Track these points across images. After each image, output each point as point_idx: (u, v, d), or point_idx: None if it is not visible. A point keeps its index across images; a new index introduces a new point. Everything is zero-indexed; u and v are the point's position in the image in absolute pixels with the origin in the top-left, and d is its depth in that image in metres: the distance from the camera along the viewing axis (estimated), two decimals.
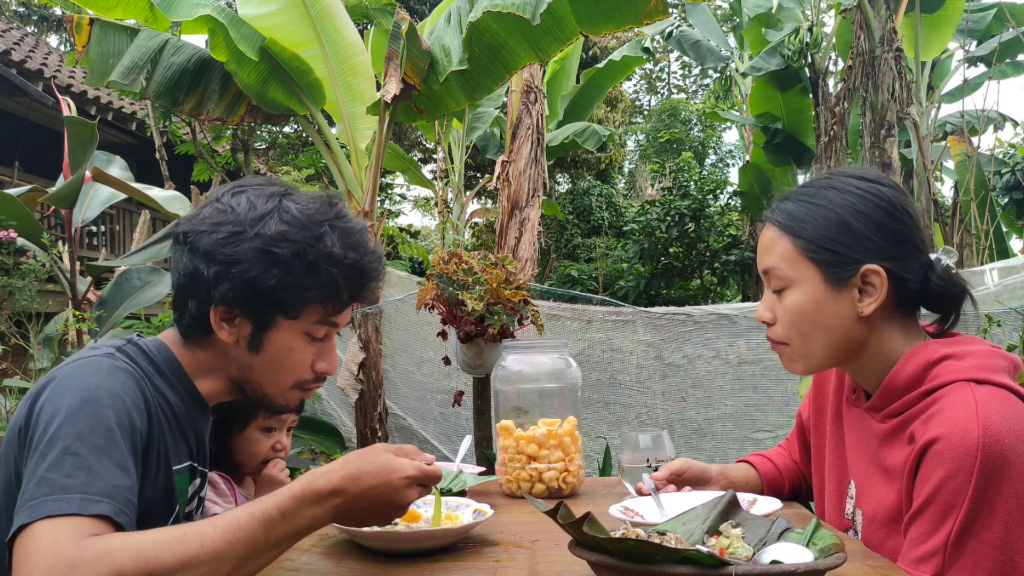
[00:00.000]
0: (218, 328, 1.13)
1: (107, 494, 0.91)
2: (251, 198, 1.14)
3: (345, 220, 1.16)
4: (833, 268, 1.16)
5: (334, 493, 0.98)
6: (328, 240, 1.13)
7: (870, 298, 1.17)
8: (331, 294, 1.15)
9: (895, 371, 1.17)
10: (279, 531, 0.94)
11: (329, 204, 1.17)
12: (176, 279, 1.16)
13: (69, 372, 1.04)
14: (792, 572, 0.84)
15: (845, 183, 1.20)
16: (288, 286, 1.11)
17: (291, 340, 1.15)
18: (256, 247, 1.10)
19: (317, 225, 1.13)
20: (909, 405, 1.14)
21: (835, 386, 1.37)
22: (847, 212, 1.17)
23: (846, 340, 1.19)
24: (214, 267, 1.10)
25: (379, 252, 1.20)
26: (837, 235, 1.16)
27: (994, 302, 4.31)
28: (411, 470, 1.02)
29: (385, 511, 1.02)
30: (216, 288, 1.10)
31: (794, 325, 1.20)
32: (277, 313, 1.13)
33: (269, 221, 1.11)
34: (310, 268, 1.11)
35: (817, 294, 1.17)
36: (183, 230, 1.14)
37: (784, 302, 1.20)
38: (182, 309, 1.15)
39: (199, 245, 1.11)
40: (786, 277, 1.19)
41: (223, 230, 1.11)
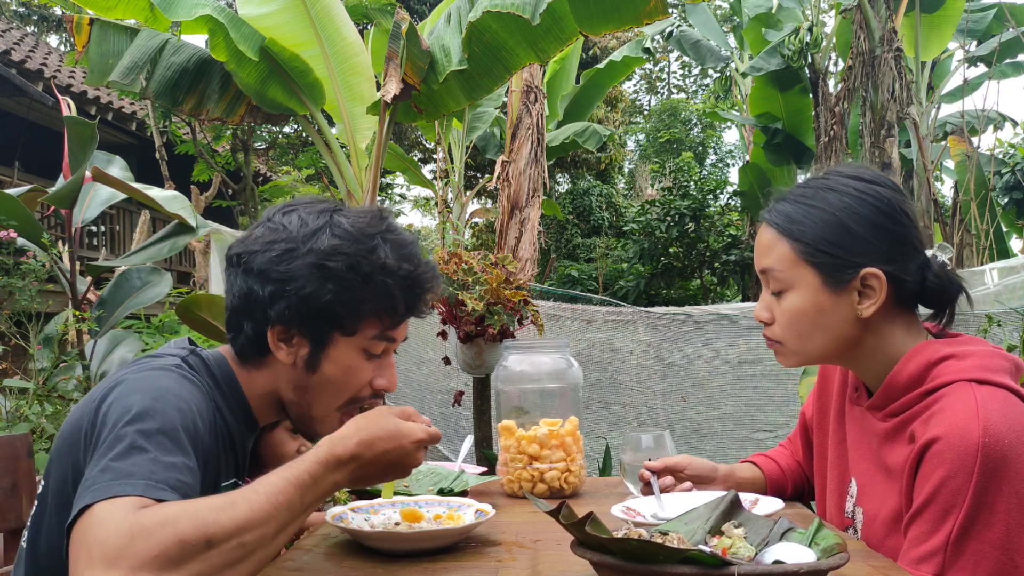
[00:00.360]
0: (276, 349, 1.13)
1: (171, 485, 0.91)
2: (302, 215, 1.13)
3: (396, 233, 1.16)
4: (832, 272, 1.16)
5: (352, 459, 1.01)
6: (381, 252, 1.12)
7: (869, 300, 1.16)
8: (387, 307, 1.14)
9: (896, 370, 1.17)
10: (311, 495, 0.96)
11: (380, 217, 1.16)
12: (230, 301, 1.15)
13: (139, 376, 1.04)
14: (795, 572, 0.84)
15: (843, 184, 1.19)
16: (344, 300, 1.10)
17: (349, 358, 1.15)
18: (310, 263, 1.09)
19: (369, 238, 1.12)
20: (910, 404, 1.14)
21: (839, 384, 1.37)
22: (845, 215, 1.16)
23: (844, 340, 1.19)
24: (269, 286, 1.10)
25: (433, 264, 1.20)
26: (836, 238, 1.15)
27: (994, 302, 4.32)
28: (420, 434, 1.06)
29: (395, 472, 1.06)
30: (272, 307, 1.10)
31: (792, 327, 1.20)
32: (334, 330, 1.12)
33: (321, 236, 1.11)
34: (365, 281, 1.11)
35: (816, 297, 1.17)
36: (236, 252, 1.14)
37: (782, 304, 1.20)
38: (237, 331, 1.15)
39: (252, 265, 1.11)
40: (784, 280, 1.19)
41: (276, 248, 1.10)
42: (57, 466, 1.05)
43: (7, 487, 1.53)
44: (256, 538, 0.88)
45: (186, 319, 2.93)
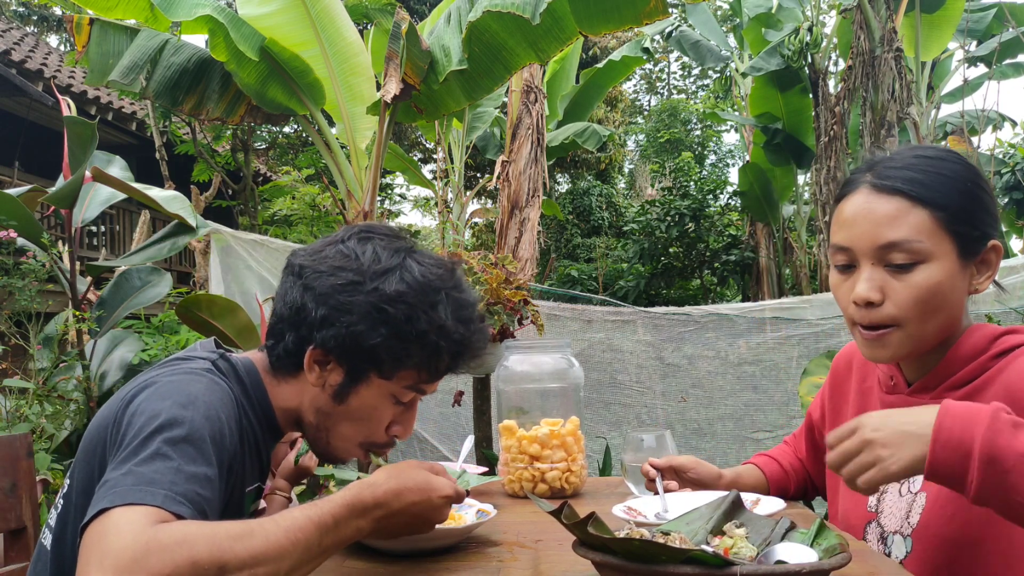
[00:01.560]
0: (309, 369, 1.12)
1: (190, 499, 0.91)
2: (377, 249, 1.12)
3: (461, 291, 1.15)
4: (968, 243, 1.11)
5: (377, 506, 1.00)
6: (442, 310, 1.11)
7: (986, 274, 1.14)
8: (431, 364, 1.14)
9: (957, 345, 1.14)
10: (331, 538, 0.95)
11: (450, 271, 1.16)
12: (280, 307, 1.15)
13: (169, 380, 1.04)
14: (797, 572, 0.84)
15: (952, 156, 1.15)
16: (392, 348, 1.10)
17: (377, 399, 1.14)
18: (371, 302, 1.09)
19: (435, 292, 1.12)
20: (977, 372, 1.12)
21: (856, 382, 1.35)
22: (973, 185, 1.12)
23: (955, 320, 1.13)
24: (323, 310, 1.09)
25: (486, 329, 1.19)
26: (973, 207, 1.11)
27: (994, 302, 4.31)
28: (448, 490, 1.05)
29: (419, 526, 1.04)
30: (319, 330, 1.09)
31: (922, 303, 1.09)
32: (372, 370, 1.12)
33: (390, 278, 1.10)
34: (419, 336, 1.10)
35: (952, 270, 1.10)
36: (300, 263, 1.13)
37: (913, 279, 1.09)
38: (278, 338, 1.14)
39: (314, 284, 1.10)
40: (922, 251, 1.09)
41: (342, 276, 1.09)
42: (83, 465, 1.06)
43: (7, 487, 1.52)
44: (268, 572, 0.88)
45: (186, 319, 2.93)
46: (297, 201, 7.61)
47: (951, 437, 0.91)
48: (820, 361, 3.21)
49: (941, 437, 0.91)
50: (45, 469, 2.68)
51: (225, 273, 4.66)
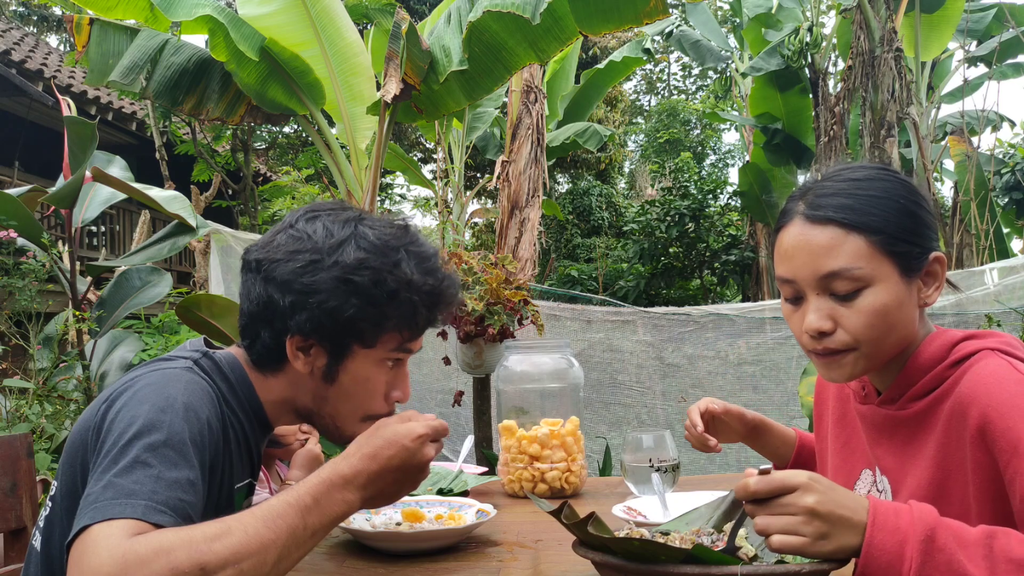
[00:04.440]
0: (293, 358, 1.12)
1: (171, 506, 0.90)
2: (326, 224, 1.12)
3: (419, 245, 1.15)
4: (909, 260, 1.11)
5: (357, 474, 0.99)
6: (405, 266, 1.11)
7: (933, 286, 1.14)
8: (409, 321, 1.13)
9: (916, 354, 1.14)
10: (315, 517, 0.94)
11: (404, 228, 1.16)
12: (248, 307, 1.14)
13: (148, 381, 1.03)
14: (797, 572, 0.84)
15: (880, 173, 1.16)
16: (367, 315, 1.10)
17: (368, 370, 1.14)
18: (335, 276, 1.08)
19: (394, 251, 1.11)
20: (937, 382, 1.12)
21: (835, 391, 1.36)
22: (906, 201, 1.12)
23: (909, 334, 1.14)
24: (290, 296, 1.09)
25: (454, 275, 1.20)
26: (909, 224, 1.11)
27: (994, 302, 4.32)
28: (420, 428, 1.03)
29: (410, 476, 1.02)
30: (293, 318, 1.09)
31: (873, 327, 1.10)
32: (354, 343, 1.12)
33: (347, 248, 1.09)
34: (390, 296, 1.10)
35: (897, 289, 1.10)
36: (256, 258, 1.13)
37: (859, 305, 1.10)
38: (254, 338, 1.14)
39: (274, 274, 1.09)
40: (863, 277, 1.10)
41: (300, 259, 1.09)
42: (67, 468, 1.05)
43: (7, 487, 1.52)
44: (254, 565, 0.87)
45: (186, 319, 2.92)
46: (297, 201, 7.61)
47: (884, 544, 0.91)
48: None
49: (875, 540, 0.91)
50: (45, 469, 2.68)
51: (225, 273, 4.66)
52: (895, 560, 0.89)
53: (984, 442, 1.03)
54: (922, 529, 0.90)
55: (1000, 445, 1.00)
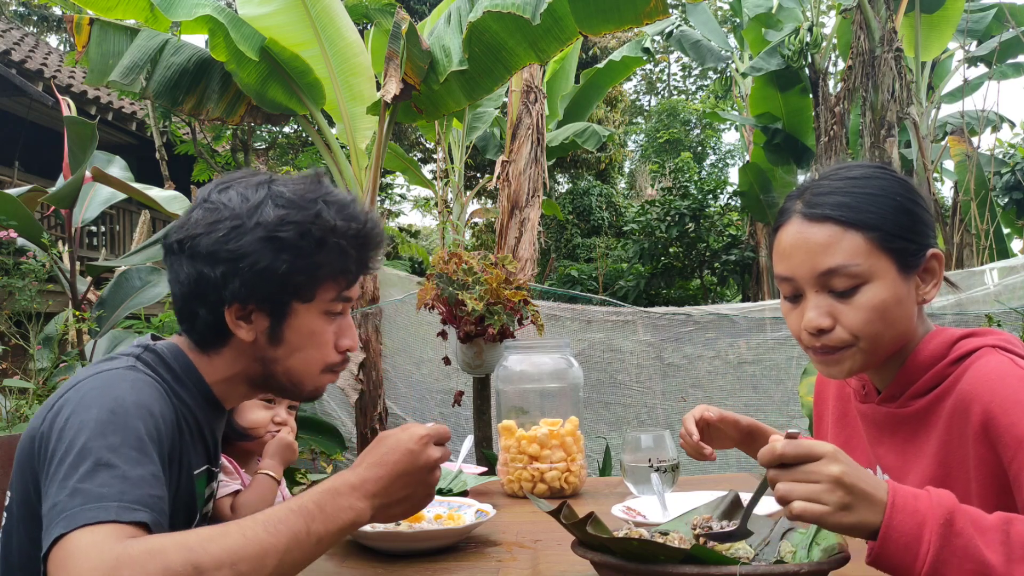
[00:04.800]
0: (235, 328, 1.11)
1: (144, 503, 0.90)
2: (240, 191, 1.12)
3: (335, 194, 1.16)
4: (907, 256, 1.13)
5: (364, 481, 0.98)
6: (327, 215, 1.11)
7: (931, 283, 1.15)
8: (342, 268, 1.13)
9: (916, 352, 1.15)
10: (319, 524, 0.93)
11: (317, 182, 1.16)
12: (179, 290, 1.12)
13: (93, 385, 1.01)
14: (796, 572, 0.84)
15: (877, 172, 1.18)
16: (300, 268, 1.10)
17: (311, 323, 1.14)
18: (260, 236, 1.08)
19: (312, 203, 1.11)
20: (938, 379, 1.12)
21: (835, 390, 1.37)
22: (903, 198, 1.14)
23: (908, 331, 1.15)
24: (220, 267, 1.08)
25: (376, 218, 1.19)
26: (906, 221, 1.13)
27: (994, 302, 4.32)
28: (422, 431, 1.02)
29: (419, 480, 1.01)
30: (227, 288, 1.08)
31: (871, 324, 1.11)
32: (292, 299, 1.11)
33: (265, 208, 1.09)
34: (318, 244, 1.10)
35: (895, 285, 1.12)
36: (176, 239, 1.11)
37: (858, 301, 1.12)
38: (191, 320, 1.13)
39: (198, 248, 1.08)
40: (861, 273, 1.11)
41: (221, 227, 1.08)
42: (19, 477, 1.04)
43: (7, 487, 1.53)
44: (251, 568, 0.86)
45: None
46: None
47: (903, 528, 0.91)
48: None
49: (894, 521, 0.91)
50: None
51: None
52: (913, 542, 0.89)
53: (987, 438, 1.03)
54: (941, 513, 0.90)
55: (1004, 441, 1.01)
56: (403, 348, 4.92)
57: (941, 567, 0.88)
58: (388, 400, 4.68)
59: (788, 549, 0.97)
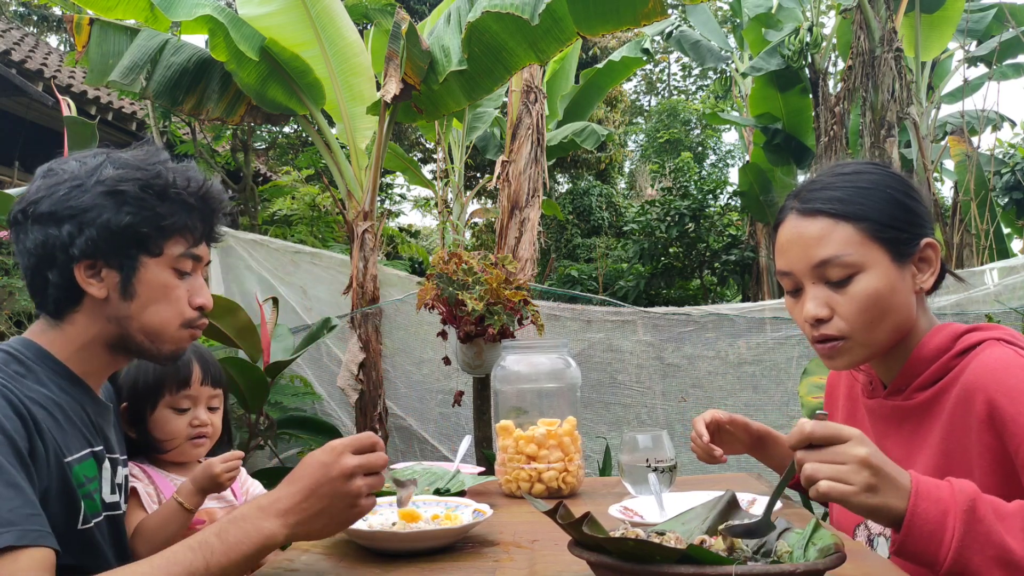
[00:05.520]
0: (86, 285, 1.11)
1: (4, 522, 0.89)
2: (78, 159, 1.14)
3: (174, 162, 1.18)
4: (899, 246, 1.15)
5: (275, 501, 0.97)
6: (168, 175, 1.14)
7: (927, 272, 1.18)
8: (187, 222, 1.16)
9: (920, 345, 1.17)
10: (220, 556, 0.92)
11: (156, 151, 1.18)
12: (27, 261, 1.13)
13: None
14: (792, 572, 0.84)
15: (870, 168, 1.21)
16: (145, 219, 1.11)
17: (161, 277, 1.15)
18: (101, 191, 1.10)
19: (152, 165, 1.15)
20: (942, 372, 1.14)
21: (845, 387, 1.38)
22: (894, 191, 1.17)
23: (906, 321, 1.17)
24: (65, 225, 1.09)
25: (218, 183, 1.22)
26: (897, 212, 1.16)
27: (994, 302, 4.32)
28: (338, 443, 1.00)
29: (335, 492, 0.98)
30: (73, 245, 1.09)
31: (866, 312, 1.14)
32: (140, 252, 1.13)
33: (104, 169, 1.12)
34: (160, 197, 1.12)
35: (889, 274, 1.15)
36: (18, 210, 1.13)
37: (852, 290, 1.15)
38: (43, 288, 1.13)
39: (40, 210, 1.10)
40: (854, 263, 1.14)
41: (62, 188, 1.10)
42: None
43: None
44: None
45: None
46: (297, 201, 7.61)
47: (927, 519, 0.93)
48: (820, 361, 3.20)
49: (919, 508, 0.93)
50: None
51: (225, 273, 4.67)
52: (938, 529, 0.91)
53: (993, 426, 1.04)
54: (963, 500, 0.92)
55: (1011, 430, 1.02)
56: (403, 348, 4.92)
57: (965, 552, 0.90)
58: (388, 400, 4.68)
59: (784, 549, 0.97)
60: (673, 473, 1.53)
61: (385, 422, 4.53)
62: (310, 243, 7.22)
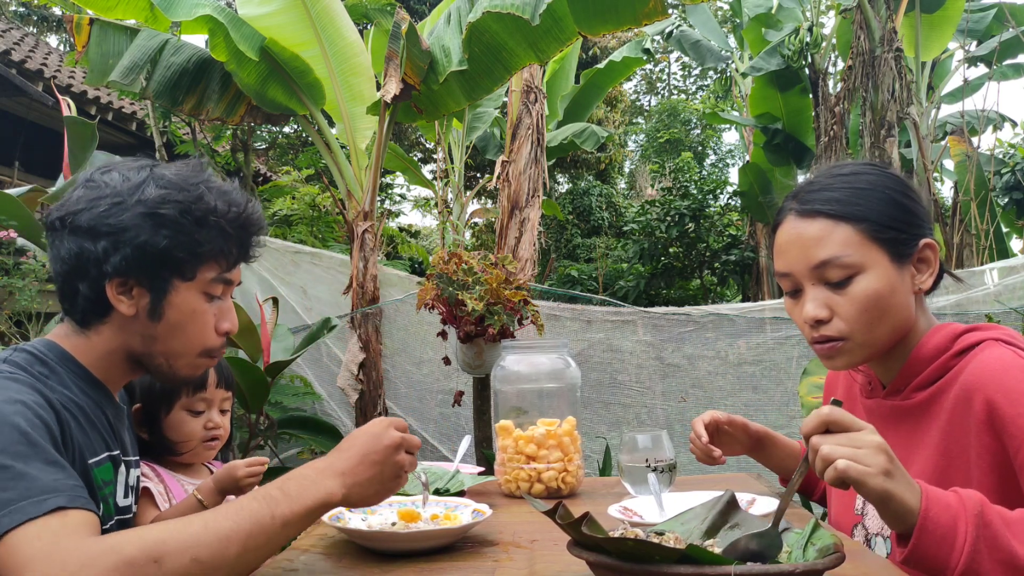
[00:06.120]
0: (117, 302, 1.11)
1: (51, 489, 0.90)
2: (121, 172, 1.13)
3: (216, 181, 1.18)
4: (898, 246, 1.15)
5: (332, 463, 1.02)
6: (208, 198, 1.14)
7: (926, 272, 1.18)
8: (223, 248, 1.15)
9: (919, 345, 1.18)
10: (284, 507, 0.95)
11: (199, 168, 1.18)
12: (59, 268, 1.13)
13: None
14: (791, 572, 0.84)
15: (868, 169, 1.21)
16: (181, 244, 1.11)
17: (191, 302, 1.15)
18: (140, 212, 1.09)
19: (195, 186, 1.14)
20: (941, 372, 1.15)
21: (844, 388, 1.38)
22: (893, 192, 1.17)
23: (906, 321, 1.17)
24: (102, 241, 1.09)
25: (258, 206, 1.22)
26: (896, 213, 1.16)
27: (994, 302, 4.32)
28: (382, 419, 1.08)
29: (385, 459, 1.04)
30: (108, 262, 1.09)
31: (865, 312, 1.14)
32: (173, 276, 1.13)
33: (147, 188, 1.11)
34: (199, 223, 1.12)
35: (888, 275, 1.15)
36: (57, 216, 1.12)
37: (852, 291, 1.15)
38: (72, 296, 1.13)
39: (79, 223, 1.10)
40: (853, 264, 1.14)
41: (102, 203, 1.10)
42: None
43: None
44: (213, 555, 0.88)
45: None
46: (297, 201, 7.61)
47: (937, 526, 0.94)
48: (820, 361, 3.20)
49: (931, 513, 0.94)
50: None
51: None
52: (949, 533, 0.92)
53: (992, 427, 1.04)
54: (972, 506, 0.93)
55: (1010, 431, 1.02)
56: (403, 348, 4.92)
57: (976, 557, 0.91)
58: (388, 400, 4.68)
59: (783, 549, 0.97)
60: (673, 473, 1.53)
61: None
62: (310, 243, 7.22)
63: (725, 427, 1.49)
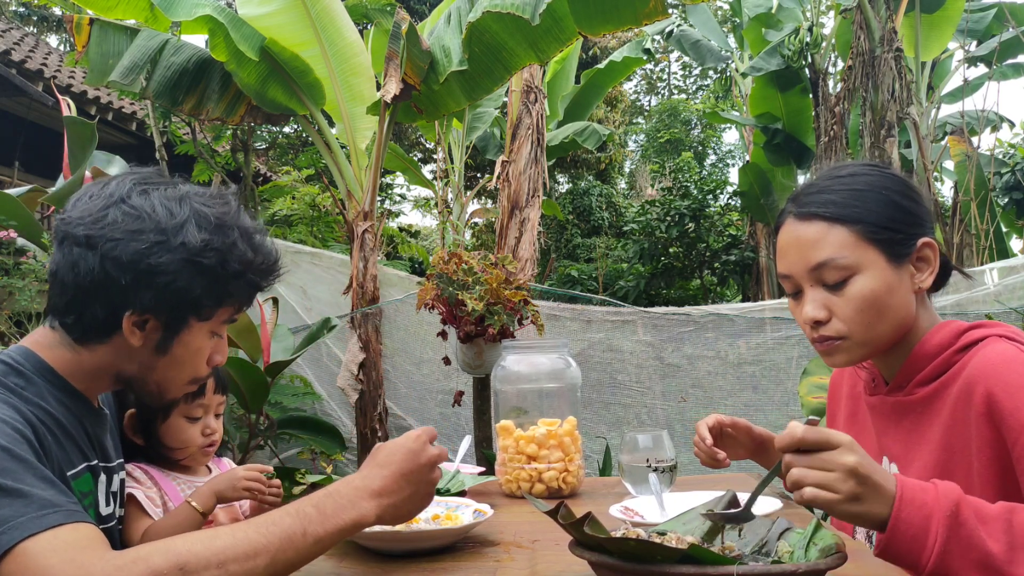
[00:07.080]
0: (129, 333, 1.10)
1: (49, 505, 0.89)
2: (163, 202, 1.10)
3: (246, 220, 1.18)
4: (895, 247, 1.16)
5: (369, 481, 1.00)
6: (241, 245, 1.14)
7: (926, 271, 1.19)
8: (246, 296, 1.18)
9: (922, 342, 1.19)
10: (317, 526, 0.94)
11: (228, 201, 1.17)
12: (76, 281, 1.08)
13: None
14: (793, 572, 0.84)
15: (867, 169, 1.22)
16: (212, 293, 1.12)
17: (199, 340, 1.16)
18: (183, 258, 1.08)
19: (230, 230, 1.13)
20: (944, 368, 1.15)
21: (847, 389, 1.38)
22: (890, 192, 1.18)
23: (905, 320, 1.18)
24: (131, 275, 1.06)
25: (275, 248, 1.23)
26: (892, 213, 1.17)
27: (994, 302, 4.32)
28: (418, 432, 1.07)
29: (422, 479, 1.04)
30: (135, 296, 1.07)
31: (863, 313, 1.16)
32: (192, 316, 1.13)
33: (189, 228, 1.09)
34: (234, 276, 1.13)
35: (886, 276, 1.16)
36: (86, 233, 1.07)
37: (849, 292, 1.16)
38: (79, 312, 1.09)
39: (115, 253, 1.06)
40: (850, 265, 1.16)
41: (144, 239, 1.07)
42: None
43: None
44: (242, 567, 0.87)
45: None
46: (297, 201, 7.60)
47: (910, 524, 0.93)
48: (820, 361, 3.20)
49: (902, 514, 0.93)
50: None
51: None
52: (920, 534, 0.92)
53: (991, 419, 1.05)
54: (947, 505, 0.93)
55: (1009, 424, 1.03)
56: (403, 348, 4.92)
57: (947, 557, 0.91)
58: (388, 400, 4.68)
59: (785, 549, 0.97)
60: (673, 473, 1.53)
61: (385, 422, 4.53)
62: (310, 243, 7.21)
63: (729, 430, 1.49)
